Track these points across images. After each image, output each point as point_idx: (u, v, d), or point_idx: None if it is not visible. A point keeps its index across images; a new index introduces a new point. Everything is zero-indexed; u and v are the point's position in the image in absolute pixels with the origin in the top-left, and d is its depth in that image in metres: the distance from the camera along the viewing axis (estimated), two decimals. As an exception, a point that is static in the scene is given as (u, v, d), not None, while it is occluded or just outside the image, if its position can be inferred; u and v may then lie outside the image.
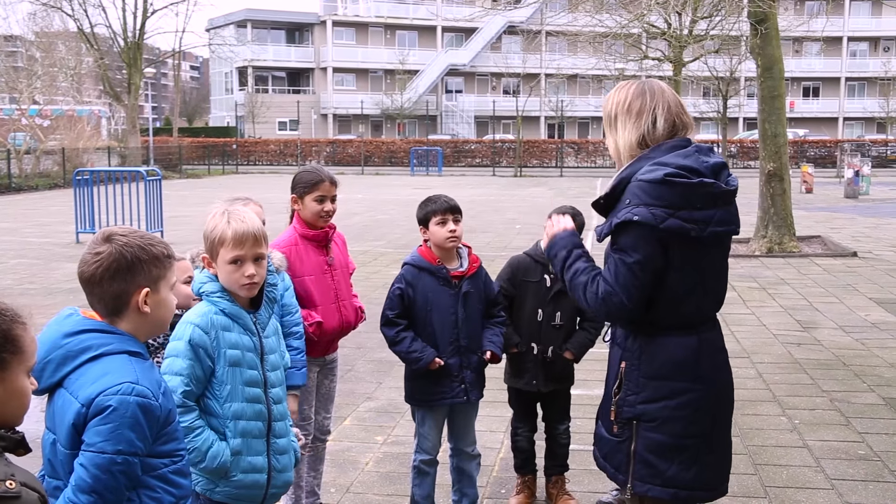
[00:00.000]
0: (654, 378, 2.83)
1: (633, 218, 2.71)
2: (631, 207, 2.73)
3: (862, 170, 26.84)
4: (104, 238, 2.35)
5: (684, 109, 2.95)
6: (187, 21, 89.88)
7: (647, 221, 2.70)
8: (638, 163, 2.83)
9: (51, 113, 37.30)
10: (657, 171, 2.73)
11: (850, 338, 8.53)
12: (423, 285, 4.14)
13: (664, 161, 2.76)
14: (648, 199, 2.71)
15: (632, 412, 2.85)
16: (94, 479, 2.19)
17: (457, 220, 4.13)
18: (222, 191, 28.69)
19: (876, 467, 5.24)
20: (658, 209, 2.70)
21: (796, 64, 62.44)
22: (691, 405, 2.83)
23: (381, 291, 10.41)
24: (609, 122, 2.99)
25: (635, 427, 2.84)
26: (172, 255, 2.43)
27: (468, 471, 4.37)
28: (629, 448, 2.85)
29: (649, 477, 2.84)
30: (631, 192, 2.76)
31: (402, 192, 29.61)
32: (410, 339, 4.14)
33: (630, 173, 2.81)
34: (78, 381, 2.27)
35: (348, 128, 66.92)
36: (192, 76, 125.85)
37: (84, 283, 2.35)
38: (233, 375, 2.91)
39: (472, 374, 4.21)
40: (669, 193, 2.70)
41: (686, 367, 2.83)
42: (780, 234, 14.38)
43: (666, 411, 2.82)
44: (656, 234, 2.71)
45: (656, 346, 2.84)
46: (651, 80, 2.98)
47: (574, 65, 46.61)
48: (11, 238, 16.76)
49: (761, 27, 14.37)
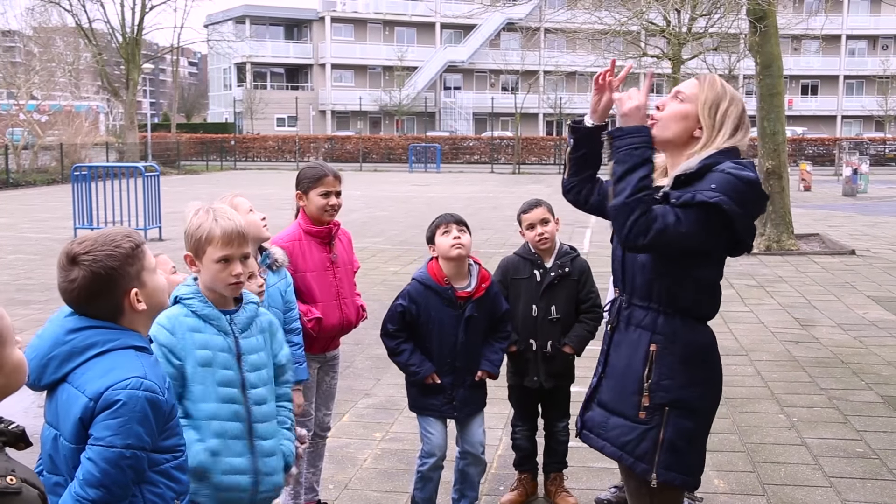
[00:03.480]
0: (688, 364, 2.82)
1: (721, 204, 2.69)
2: (718, 194, 2.71)
3: (860, 168, 26.86)
4: (70, 261, 2.31)
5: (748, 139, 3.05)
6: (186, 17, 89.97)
7: (728, 212, 2.71)
8: (720, 154, 2.83)
9: (49, 108, 37.24)
10: (746, 170, 2.77)
11: (849, 336, 8.54)
12: (427, 304, 4.12)
13: (745, 166, 2.81)
14: (735, 193, 2.73)
15: (666, 398, 2.79)
16: (102, 473, 2.19)
17: (461, 229, 4.11)
18: (220, 187, 28.68)
19: (874, 465, 5.24)
20: (738, 206, 2.72)
21: (795, 62, 62.42)
22: (716, 394, 2.94)
23: (380, 288, 10.47)
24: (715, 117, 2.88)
25: (667, 413, 2.79)
26: (140, 242, 2.39)
27: (472, 476, 4.35)
28: (658, 435, 2.79)
29: (675, 465, 2.80)
30: (716, 179, 2.74)
31: (400, 188, 29.60)
32: (410, 351, 4.15)
33: (713, 161, 2.80)
34: (84, 375, 2.26)
35: (347, 124, 66.89)
36: (191, 72, 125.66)
37: (73, 308, 2.34)
38: (204, 376, 2.87)
39: (464, 393, 4.20)
40: (753, 196, 2.79)
41: (711, 355, 2.93)
42: (779, 232, 14.39)
43: (699, 399, 2.85)
44: (721, 229, 2.75)
45: (691, 331, 2.87)
46: None
47: (573, 62, 46.57)
48: (9, 234, 16.74)
49: (760, 25, 14.37)
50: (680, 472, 2.83)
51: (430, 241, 4.17)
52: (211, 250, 2.89)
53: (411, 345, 4.16)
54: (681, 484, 2.88)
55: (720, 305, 3.01)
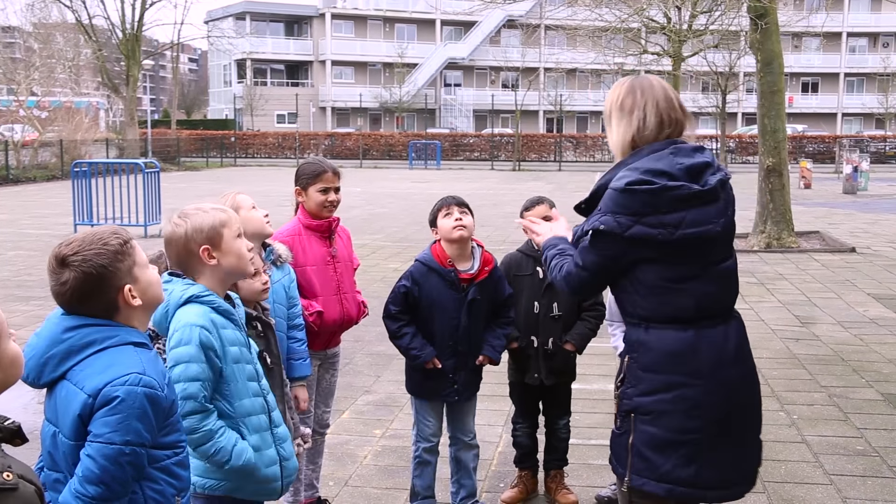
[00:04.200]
0: (649, 370, 2.82)
1: (600, 227, 2.80)
2: (600, 215, 2.81)
3: (860, 165, 26.84)
4: (59, 263, 2.29)
5: (677, 105, 2.92)
6: (186, 13, 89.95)
7: (613, 230, 2.77)
8: (616, 169, 2.87)
9: (49, 105, 37.21)
10: (622, 179, 2.78)
11: (849, 333, 8.53)
12: (430, 286, 4.13)
13: (635, 167, 2.80)
14: (615, 206, 2.78)
15: (629, 405, 2.85)
16: (102, 469, 2.18)
17: (463, 211, 4.13)
18: (220, 184, 28.68)
19: (874, 463, 5.24)
20: (623, 217, 2.76)
21: (795, 59, 62.37)
22: (687, 400, 2.79)
23: (380, 285, 10.45)
24: (607, 120, 3.02)
25: (633, 420, 2.84)
26: (129, 239, 2.36)
27: (465, 461, 4.38)
28: (627, 441, 2.85)
29: (646, 471, 2.82)
30: (603, 199, 2.83)
31: (400, 185, 29.59)
32: (411, 335, 4.15)
33: (608, 179, 2.85)
34: (83, 372, 2.25)
35: (347, 121, 66.85)
36: (191, 68, 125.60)
37: (67, 310, 2.33)
38: (236, 373, 2.87)
39: (466, 376, 4.22)
40: (632, 201, 2.76)
41: (681, 360, 2.80)
42: (779, 230, 14.38)
43: (661, 404, 2.79)
44: (622, 242, 2.78)
45: (651, 338, 2.84)
46: (643, 76, 2.98)
47: (573, 59, 46.59)
48: (9, 230, 16.74)
49: (761, 22, 14.35)
50: (652, 478, 2.81)
51: (433, 225, 4.19)
52: (227, 232, 2.88)
53: (413, 328, 4.16)
54: (656, 490, 2.81)
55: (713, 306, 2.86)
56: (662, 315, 2.83)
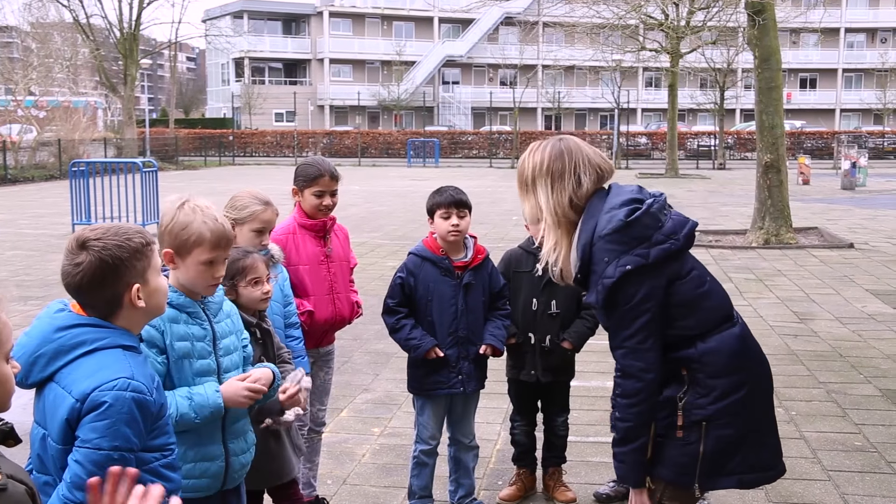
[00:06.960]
0: (717, 377, 2.85)
1: (627, 267, 2.76)
2: (615, 263, 2.78)
3: (859, 161, 26.86)
4: (79, 245, 2.28)
5: (601, 156, 3.01)
6: (183, 12, 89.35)
7: (639, 263, 2.77)
8: (586, 226, 2.87)
9: (46, 104, 37.16)
10: (614, 218, 2.79)
11: (847, 329, 8.53)
12: (425, 275, 4.16)
13: (609, 209, 2.83)
14: (622, 246, 2.78)
15: (702, 414, 2.84)
16: (90, 475, 2.15)
17: (461, 214, 4.14)
18: (219, 182, 28.67)
19: (872, 458, 5.24)
20: (637, 248, 2.78)
21: (793, 55, 62.31)
22: (753, 392, 2.91)
23: (378, 283, 10.44)
24: (525, 185, 3.02)
25: (704, 428, 2.85)
26: (151, 241, 2.38)
27: (465, 461, 4.38)
28: (697, 450, 2.85)
29: (715, 471, 2.87)
30: (602, 250, 2.81)
31: (398, 183, 29.58)
32: (410, 326, 4.16)
33: (587, 240, 2.85)
34: (71, 375, 2.24)
35: (345, 119, 66.80)
36: (189, 67, 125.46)
37: (72, 293, 2.31)
38: (180, 369, 2.81)
39: (469, 366, 4.22)
40: (636, 229, 2.79)
41: (743, 356, 2.90)
42: (777, 226, 14.37)
43: (735, 406, 2.85)
44: (653, 271, 2.78)
45: (712, 345, 2.86)
46: (566, 139, 3.01)
47: (571, 56, 46.56)
48: (7, 230, 16.72)
49: (759, 18, 14.34)
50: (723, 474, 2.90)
51: (431, 214, 4.20)
52: (198, 252, 2.80)
53: (412, 320, 4.17)
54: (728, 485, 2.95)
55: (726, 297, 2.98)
56: (714, 321, 2.89)
